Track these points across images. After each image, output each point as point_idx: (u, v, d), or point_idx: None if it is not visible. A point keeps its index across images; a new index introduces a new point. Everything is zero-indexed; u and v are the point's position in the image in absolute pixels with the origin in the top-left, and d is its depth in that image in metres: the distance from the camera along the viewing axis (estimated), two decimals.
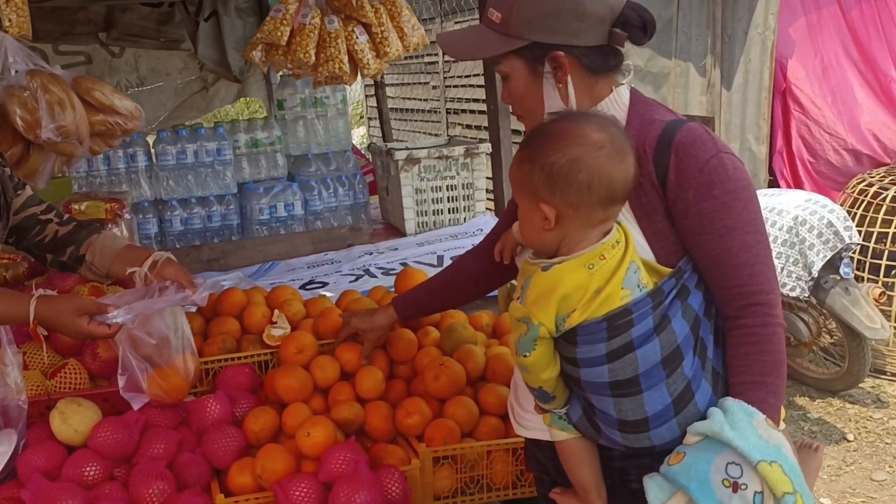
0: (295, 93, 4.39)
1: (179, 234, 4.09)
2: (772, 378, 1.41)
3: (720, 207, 1.41)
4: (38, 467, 1.80)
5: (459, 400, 2.08)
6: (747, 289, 1.42)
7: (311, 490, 1.77)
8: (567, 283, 1.38)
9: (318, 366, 2.12)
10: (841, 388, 4.39)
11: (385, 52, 3.31)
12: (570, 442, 1.55)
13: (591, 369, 1.41)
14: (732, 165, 1.43)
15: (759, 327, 1.42)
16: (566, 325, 1.39)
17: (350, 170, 4.42)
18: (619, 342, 1.38)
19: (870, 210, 4.78)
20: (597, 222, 1.39)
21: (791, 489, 1.28)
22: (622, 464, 1.54)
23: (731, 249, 1.41)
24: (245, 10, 4.97)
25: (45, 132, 2.48)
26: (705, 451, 1.34)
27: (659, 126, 1.45)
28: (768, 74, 4.95)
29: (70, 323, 1.82)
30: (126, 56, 5.44)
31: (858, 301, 3.99)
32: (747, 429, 1.33)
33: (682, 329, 1.41)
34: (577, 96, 1.50)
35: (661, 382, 1.40)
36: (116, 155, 4.00)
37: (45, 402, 1.99)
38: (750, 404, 1.38)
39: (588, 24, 1.46)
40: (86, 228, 2.12)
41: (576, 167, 1.36)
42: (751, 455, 1.29)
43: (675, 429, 1.42)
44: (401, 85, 10.01)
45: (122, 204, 3.30)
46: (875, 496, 3.57)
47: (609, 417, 1.44)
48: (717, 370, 1.46)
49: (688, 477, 1.33)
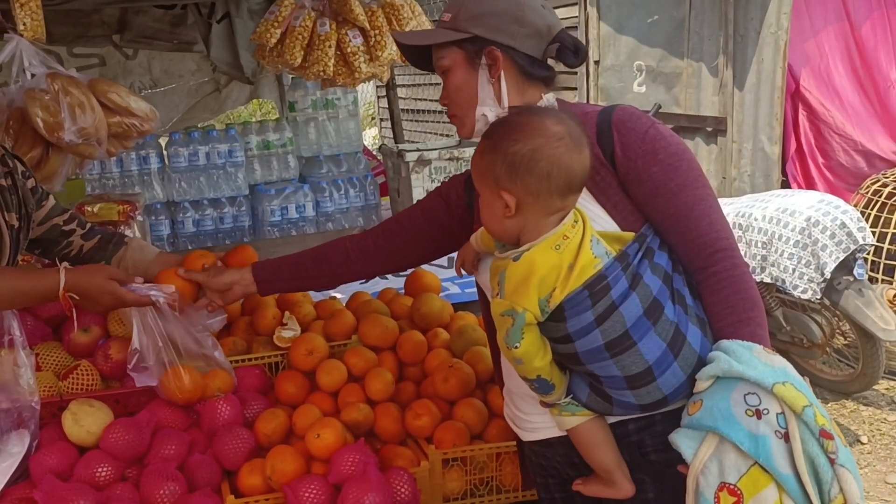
0: (306, 94, 4.41)
1: (191, 236, 4.12)
2: (755, 313, 1.52)
3: (668, 169, 1.54)
4: (51, 468, 1.81)
5: (469, 402, 2.08)
6: (709, 237, 1.53)
7: (320, 491, 1.78)
8: (540, 265, 1.46)
9: (325, 370, 2.12)
10: (855, 390, 4.36)
11: (377, 55, 3.34)
12: (583, 426, 1.57)
13: (585, 338, 1.48)
14: (668, 132, 1.57)
15: (730, 269, 1.53)
16: (550, 305, 1.46)
17: (361, 171, 4.43)
18: (602, 305, 1.46)
19: (884, 211, 4.76)
20: (555, 210, 1.48)
21: (808, 402, 1.36)
22: (638, 437, 1.58)
23: (687, 204, 1.54)
24: (257, 12, 4.98)
25: (67, 134, 2.51)
26: (721, 391, 1.41)
27: (594, 114, 1.60)
28: (781, 75, 4.92)
29: (103, 284, 1.85)
30: (139, 58, 5.46)
31: (872, 302, 3.96)
32: (752, 360, 1.41)
33: (654, 283, 1.50)
34: (510, 95, 1.64)
35: (650, 331, 1.48)
36: (129, 157, 4.03)
37: (58, 404, 2.00)
38: (745, 340, 1.47)
39: (526, 32, 1.61)
40: (111, 241, 2.15)
41: (536, 157, 1.45)
42: (764, 381, 1.37)
43: (679, 372, 1.50)
44: (412, 86, 10.02)
45: (135, 206, 3.33)
46: (889, 499, 3.55)
47: (616, 379, 1.50)
48: (702, 317, 1.55)
49: (713, 418, 1.39)
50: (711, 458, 1.38)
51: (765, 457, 1.34)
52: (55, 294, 1.82)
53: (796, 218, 3.98)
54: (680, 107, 5.50)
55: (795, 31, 5.09)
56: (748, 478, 1.35)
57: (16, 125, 2.60)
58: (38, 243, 2.15)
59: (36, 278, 1.85)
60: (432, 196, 1.91)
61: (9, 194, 1.98)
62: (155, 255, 2.16)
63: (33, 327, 2.22)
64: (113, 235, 2.21)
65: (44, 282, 1.83)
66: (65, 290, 1.81)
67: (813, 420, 1.35)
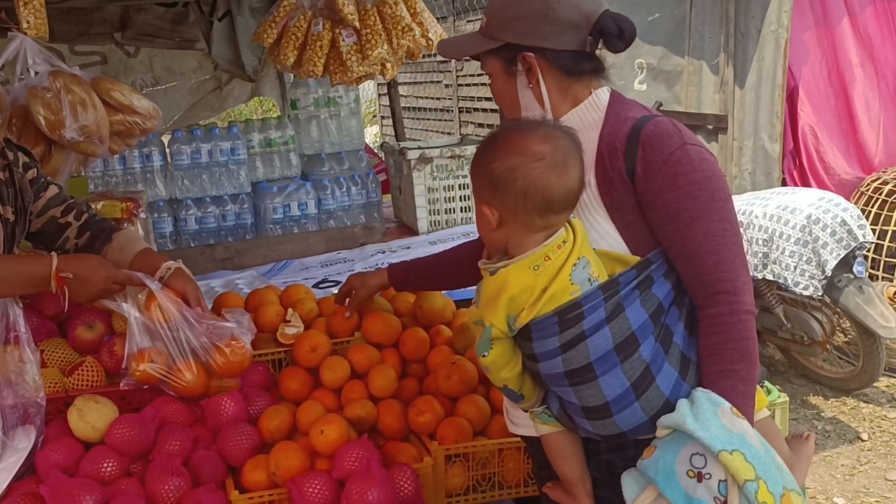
0: (308, 92, 4.42)
1: (194, 233, 4.12)
2: (741, 365, 1.43)
3: (684, 197, 1.44)
4: (57, 463, 1.82)
5: (471, 398, 2.09)
6: (713, 277, 1.45)
7: (324, 487, 1.79)
8: (513, 285, 1.44)
9: (328, 367, 2.14)
10: (855, 387, 4.37)
11: (367, 54, 3.36)
12: (553, 435, 1.60)
13: (548, 362, 1.47)
14: (698, 157, 1.45)
15: (726, 315, 1.44)
16: (517, 325, 1.46)
17: (363, 169, 4.44)
18: (571, 334, 1.44)
19: (884, 208, 4.77)
20: (536, 228, 1.45)
21: (753, 476, 1.32)
22: (609, 456, 1.57)
23: (696, 238, 1.44)
24: (259, 10, 4.99)
25: (68, 132, 2.51)
26: (673, 444, 1.38)
27: (630, 122, 1.50)
28: (782, 73, 4.92)
29: (95, 263, 1.90)
30: (141, 56, 5.48)
31: (872, 300, 3.97)
32: (710, 419, 1.36)
33: (638, 317, 1.45)
34: (553, 97, 1.57)
35: (616, 367, 1.44)
36: (132, 154, 4.03)
37: (63, 400, 2.02)
38: (721, 393, 1.41)
39: (558, 29, 1.52)
40: (98, 238, 2.15)
41: (513, 175, 1.43)
42: (712, 445, 1.33)
43: (640, 413, 1.46)
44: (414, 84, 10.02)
45: (138, 203, 3.33)
46: (889, 496, 3.56)
47: (574, 406, 1.49)
48: (688, 356, 1.49)
49: (655, 469, 1.37)
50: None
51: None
52: (48, 276, 1.85)
53: (797, 215, 3.99)
54: (681, 105, 5.50)
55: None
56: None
57: (19, 122, 2.61)
58: (39, 238, 2.14)
59: (29, 262, 1.89)
60: None
61: (5, 187, 1.98)
62: (133, 255, 2.11)
63: (38, 324, 2.23)
64: (101, 231, 2.19)
65: (38, 265, 1.87)
66: (57, 270, 1.85)
67: (754, 495, 1.31)
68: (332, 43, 3.42)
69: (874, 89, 5.49)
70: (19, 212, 2.01)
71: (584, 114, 1.56)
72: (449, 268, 2.08)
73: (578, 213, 1.53)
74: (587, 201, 1.52)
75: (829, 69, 5.37)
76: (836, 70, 5.39)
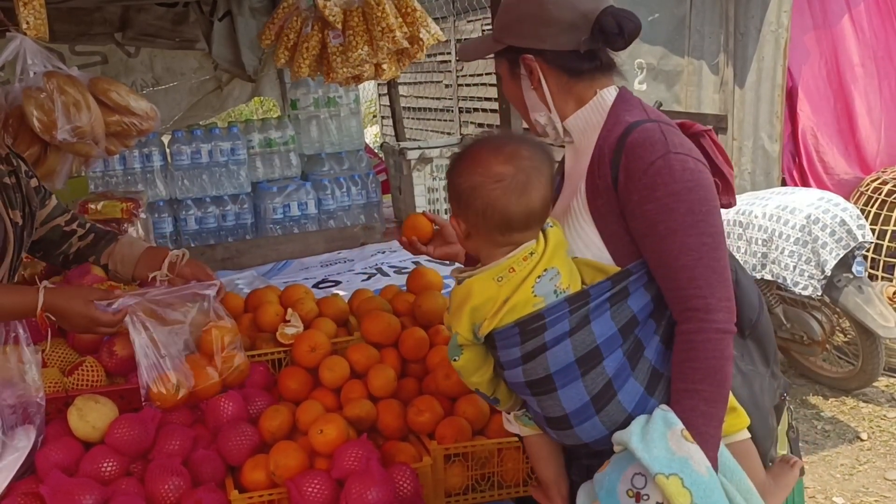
0: (308, 92, 4.43)
1: (194, 233, 4.13)
2: (704, 385, 1.39)
3: (662, 209, 1.40)
4: (57, 463, 1.83)
5: (470, 398, 2.09)
6: (684, 293, 1.41)
7: (323, 486, 1.79)
8: (476, 295, 1.45)
9: (328, 367, 2.14)
10: (855, 386, 4.38)
11: (348, 56, 3.38)
12: (532, 438, 1.63)
13: (511, 371, 1.49)
14: (681, 167, 1.40)
15: (693, 333, 1.40)
16: (481, 333, 1.48)
17: (363, 169, 4.45)
18: (532, 345, 1.44)
19: (884, 208, 4.77)
20: (500, 244, 1.46)
21: (688, 502, 1.30)
22: (588, 462, 1.56)
23: (671, 252, 1.40)
24: (259, 10, 4.99)
25: (60, 133, 2.51)
26: (623, 461, 1.38)
27: (622, 127, 1.47)
28: (781, 73, 4.93)
29: (80, 308, 1.86)
30: (141, 56, 5.48)
31: (872, 300, 3.97)
32: (657, 440, 1.35)
33: (605, 330, 1.43)
34: (556, 98, 1.56)
35: (577, 380, 1.43)
36: (132, 155, 4.04)
37: (63, 399, 2.02)
38: (682, 412, 1.39)
39: (555, 30, 1.50)
40: (104, 238, 2.16)
41: (473, 195, 1.45)
42: (650, 466, 1.33)
43: (600, 426, 1.46)
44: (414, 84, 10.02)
45: (138, 203, 3.34)
46: (889, 495, 3.56)
47: (538, 415, 1.51)
48: (660, 371, 1.46)
49: (601, 486, 1.39)
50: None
51: None
52: (33, 312, 1.85)
53: (797, 215, 4.00)
54: (681, 104, 5.51)
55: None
56: None
57: (15, 123, 2.61)
58: (40, 245, 2.16)
59: (17, 295, 1.88)
60: None
61: (13, 192, 1.99)
62: (143, 250, 2.15)
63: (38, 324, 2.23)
64: (106, 233, 2.22)
65: (24, 300, 1.86)
66: (42, 311, 1.84)
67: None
68: (323, 44, 3.46)
69: (875, 89, 5.49)
70: (27, 217, 2.02)
71: (588, 115, 1.55)
72: None
73: (567, 219, 1.53)
74: (577, 208, 1.51)
75: (828, 69, 5.37)
76: (836, 70, 5.39)
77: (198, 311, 2.01)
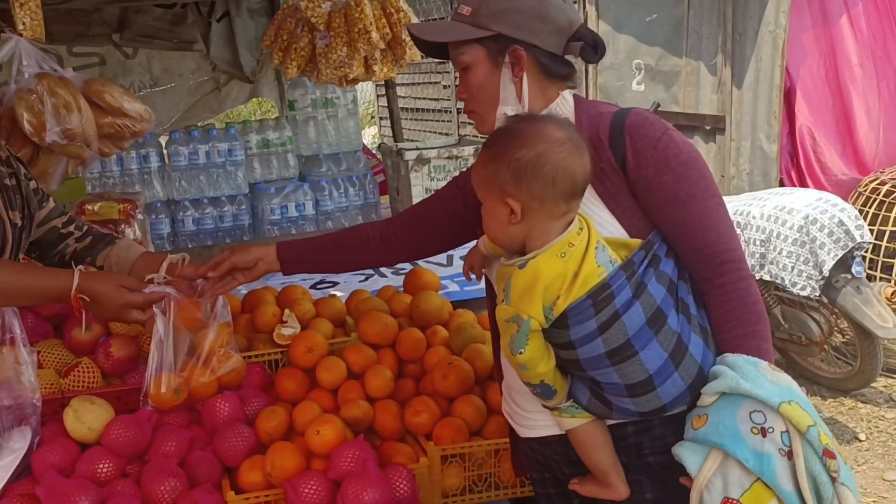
0: (306, 93, 4.43)
1: (192, 234, 4.13)
2: (760, 325, 1.52)
3: (679, 178, 1.52)
4: (53, 464, 1.82)
5: (468, 399, 2.09)
6: (717, 248, 1.52)
7: (320, 487, 1.79)
8: (546, 273, 1.46)
9: (325, 367, 2.14)
10: (853, 387, 4.38)
11: (329, 57, 3.40)
12: (581, 428, 1.59)
13: (587, 346, 1.48)
14: (681, 140, 1.55)
15: (737, 282, 1.52)
16: (554, 313, 1.47)
17: (361, 170, 4.45)
18: (606, 314, 1.46)
19: (882, 209, 4.77)
20: (559, 214, 1.49)
21: (812, 422, 1.37)
22: (636, 439, 1.58)
23: (696, 215, 1.52)
24: (257, 11, 5.00)
25: (49, 135, 2.50)
26: (726, 408, 1.42)
27: (608, 116, 1.58)
28: (779, 73, 4.93)
29: (112, 292, 1.84)
30: (139, 57, 5.47)
31: (870, 300, 3.97)
32: (759, 377, 1.42)
33: (658, 292, 1.50)
34: (531, 93, 1.61)
35: (652, 340, 1.48)
36: (129, 156, 4.04)
37: (59, 400, 2.02)
38: (748, 353, 1.49)
39: (549, 29, 1.58)
40: (101, 241, 2.16)
41: (541, 161, 1.45)
42: (771, 400, 1.38)
43: (679, 382, 1.50)
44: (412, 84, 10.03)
45: (135, 204, 3.33)
46: (887, 496, 3.56)
47: (617, 386, 1.51)
48: (705, 327, 1.55)
49: (719, 434, 1.40)
50: (716, 474, 1.40)
51: (769, 474, 1.36)
52: (66, 294, 1.83)
53: (794, 216, 3.99)
54: (678, 105, 5.51)
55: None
56: (751, 493, 1.37)
57: (8, 124, 2.61)
58: (37, 246, 2.15)
59: (50, 277, 1.86)
60: (450, 186, 1.93)
61: (13, 194, 1.99)
62: (139, 253, 2.14)
63: (34, 325, 2.23)
64: (104, 236, 2.21)
65: (58, 281, 1.84)
66: (76, 291, 1.82)
67: (817, 439, 1.36)
68: (313, 46, 3.49)
69: (874, 89, 5.49)
70: (26, 218, 2.02)
71: (555, 112, 1.62)
72: (343, 251, 1.99)
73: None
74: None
75: (826, 69, 5.38)
76: (834, 70, 5.39)
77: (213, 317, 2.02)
